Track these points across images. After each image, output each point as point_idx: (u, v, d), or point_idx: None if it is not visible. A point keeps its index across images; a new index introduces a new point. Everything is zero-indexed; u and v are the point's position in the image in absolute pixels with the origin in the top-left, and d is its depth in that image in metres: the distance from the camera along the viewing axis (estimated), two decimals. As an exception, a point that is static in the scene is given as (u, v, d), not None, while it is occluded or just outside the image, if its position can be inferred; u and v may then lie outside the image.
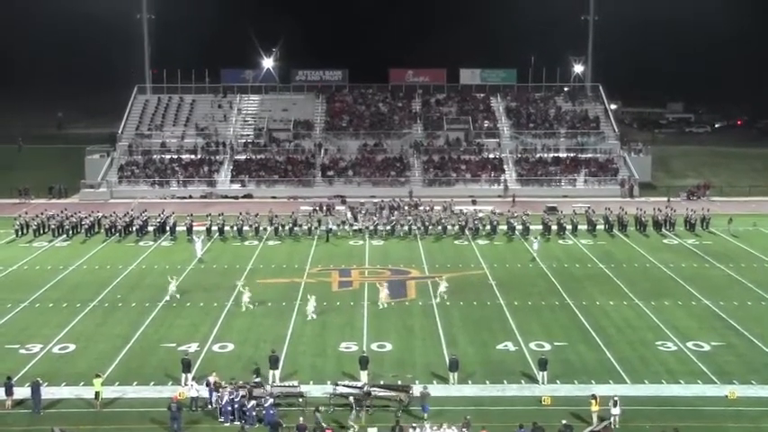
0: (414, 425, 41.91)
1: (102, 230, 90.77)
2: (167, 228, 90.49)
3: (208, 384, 46.20)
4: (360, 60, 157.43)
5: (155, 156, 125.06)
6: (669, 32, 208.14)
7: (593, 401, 43.95)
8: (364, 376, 48.39)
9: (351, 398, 45.35)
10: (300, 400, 45.83)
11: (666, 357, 53.67)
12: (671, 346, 55.44)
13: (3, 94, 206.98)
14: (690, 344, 55.79)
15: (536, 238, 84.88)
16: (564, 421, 42.29)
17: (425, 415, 44.48)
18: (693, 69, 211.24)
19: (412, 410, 45.30)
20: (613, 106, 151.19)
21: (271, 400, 44.13)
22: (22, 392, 46.45)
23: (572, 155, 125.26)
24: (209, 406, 45.60)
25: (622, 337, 57.59)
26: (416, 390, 46.32)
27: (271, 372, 49.12)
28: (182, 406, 43.95)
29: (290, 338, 57.20)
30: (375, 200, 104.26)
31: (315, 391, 47.47)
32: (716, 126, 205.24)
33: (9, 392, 46.01)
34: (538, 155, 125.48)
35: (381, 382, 47.88)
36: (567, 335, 58.00)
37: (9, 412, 45.64)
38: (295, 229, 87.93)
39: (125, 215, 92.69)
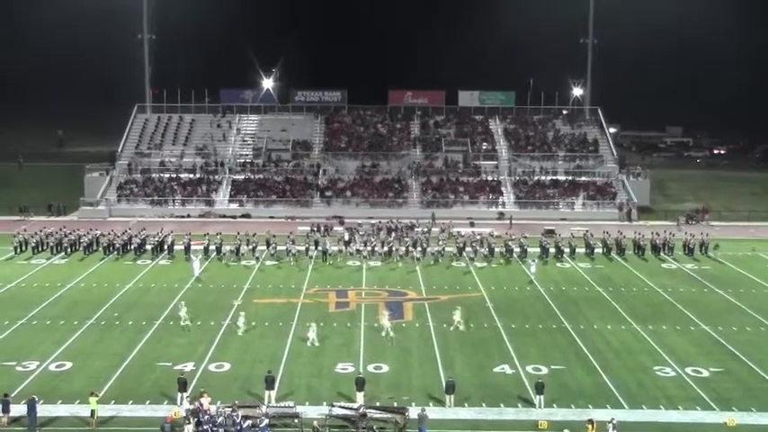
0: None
1: (101, 248, 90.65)
2: (165, 246, 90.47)
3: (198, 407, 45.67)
4: (359, 81, 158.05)
5: (154, 174, 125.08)
6: (668, 56, 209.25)
7: (590, 426, 43.81)
8: (360, 398, 48.27)
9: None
10: (296, 420, 45.73)
11: (665, 383, 53.49)
12: (669, 372, 55.30)
13: (3, 111, 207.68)
14: (688, 369, 55.65)
15: (534, 260, 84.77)
16: (566, 430, 42.37)
17: (422, 438, 44.45)
18: (693, 93, 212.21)
19: (408, 432, 45.23)
20: (612, 130, 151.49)
21: (266, 421, 44.01)
22: (19, 410, 46.32)
23: (570, 178, 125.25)
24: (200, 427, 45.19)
25: (620, 361, 57.43)
26: (413, 412, 46.20)
27: (267, 392, 48.97)
28: (175, 426, 43.80)
29: (286, 359, 57.04)
30: (373, 221, 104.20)
31: (311, 412, 47.27)
32: (715, 152, 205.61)
33: (5, 410, 45.91)
34: (536, 177, 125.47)
35: (377, 404, 47.81)
36: (565, 359, 57.87)
37: (5, 429, 45.51)
38: (292, 249, 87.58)
39: (123, 233, 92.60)
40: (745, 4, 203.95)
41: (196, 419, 44.45)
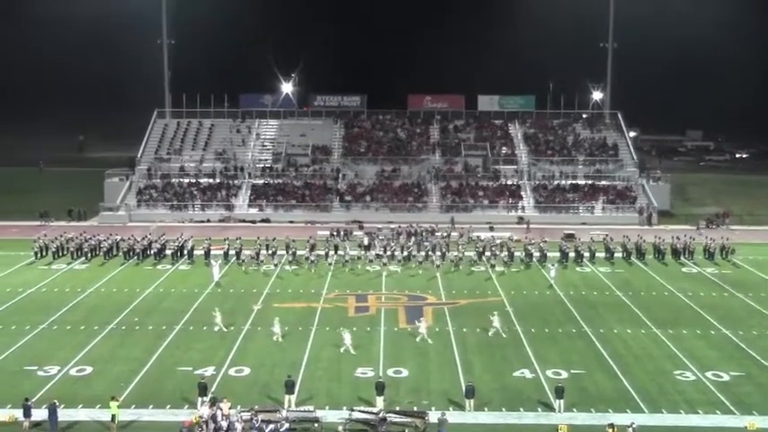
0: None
1: (121, 253, 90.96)
2: (185, 251, 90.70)
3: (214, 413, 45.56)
4: (378, 86, 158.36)
5: (173, 179, 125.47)
6: (689, 60, 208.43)
7: (611, 431, 43.67)
8: (380, 402, 48.25)
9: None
10: (316, 425, 45.74)
11: (685, 387, 53.28)
12: (689, 376, 55.06)
13: (25, 117, 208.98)
14: (709, 373, 55.39)
15: (553, 265, 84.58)
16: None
17: (442, 442, 44.44)
18: (713, 97, 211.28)
19: (428, 437, 45.20)
20: (632, 134, 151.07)
21: (286, 425, 44.06)
22: (40, 414, 46.43)
23: (590, 182, 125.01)
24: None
25: (640, 365, 57.24)
26: (432, 416, 46.17)
27: (286, 396, 48.99)
28: (192, 430, 43.85)
29: (306, 363, 57.09)
30: (392, 226, 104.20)
31: (330, 416, 47.29)
32: (737, 156, 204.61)
33: (27, 414, 46.03)
34: (556, 182, 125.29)
35: (397, 408, 47.81)
36: (585, 363, 57.71)
37: (26, 434, 45.74)
38: (311, 256, 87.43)
39: (143, 238, 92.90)
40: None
41: (210, 425, 44.47)
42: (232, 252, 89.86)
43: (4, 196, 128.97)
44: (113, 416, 45.97)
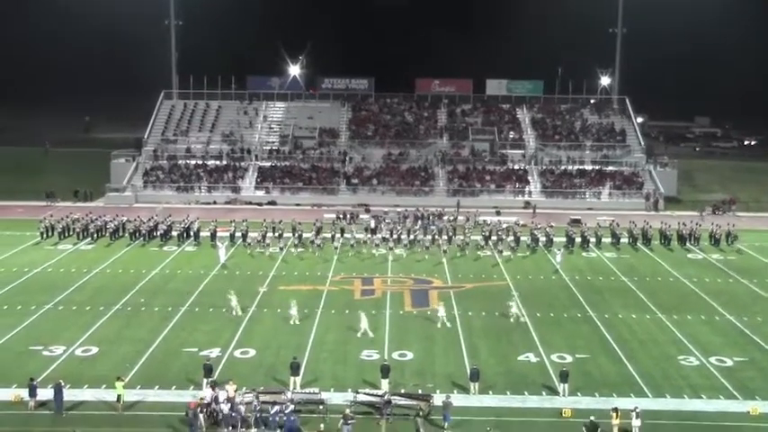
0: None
1: (127, 234, 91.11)
2: (191, 233, 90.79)
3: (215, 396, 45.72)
4: (386, 69, 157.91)
5: (180, 161, 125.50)
6: (697, 46, 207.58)
7: (614, 414, 43.77)
8: (385, 385, 48.36)
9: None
10: (321, 407, 45.88)
11: (689, 372, 53.39)
12: (693, 361, 55.17)
13: (31, 98, 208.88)
14: (712, 359, 55.50)
15: (559, 250, 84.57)
16: (592, 417, 42.47)
17: (446, 424, 44.50)
18: (721, 83, 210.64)
19: (433, 419, 45.23)
20: (640, 119, 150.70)
21: (291, 407, 44.15)
22: (46, 394, 46.64)
23: (597, 167, 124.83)
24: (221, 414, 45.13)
25: (644, 350, 57.35)
26: (438, 399, 46.29)
27: (292, 378, 49.17)
28: (198, 412, 43.99)
29: (311, 346, 57.26)
30: (399, 209, 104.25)
31: (335, 398, 47.45)
32: (745, 143, 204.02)
33: (32, 394, 46.24)
34: (563, 167, 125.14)
35: (402, 391, 47.92)
36: (589, 347, 57.82)
37: (32, 413, 45.86)
38: (316, 240, 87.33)
39: (149, 219, 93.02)
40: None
41: (209, 409, 44.63)
42: (238, 234, 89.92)
43: (10, 176, 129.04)
44: (119, 396, 46.22)
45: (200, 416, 43.88)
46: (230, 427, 44.16)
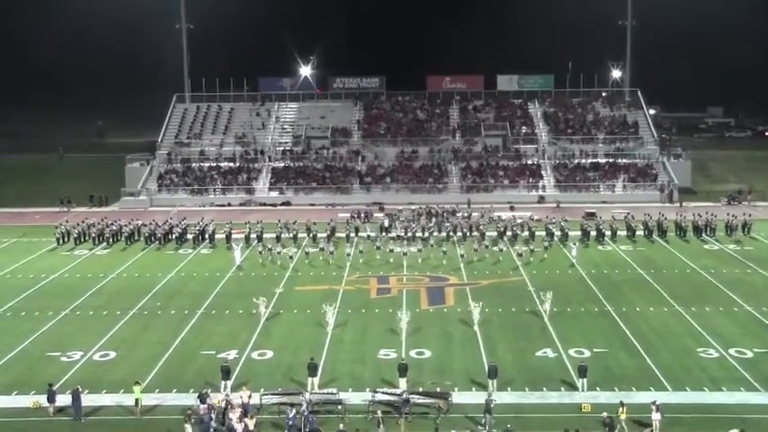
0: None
1: (142, 238, 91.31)
2: (206, 235, 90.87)
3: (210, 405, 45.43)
4: (397, 68, 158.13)
5: (194, 164, 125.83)
6: (708, 36, 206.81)
7: (621, 409, 43.59)
8: (403, 383, 48.24)
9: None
10: (339, 407, 45.81)
11: (708, 364, 53.11)
12: (713, 353, 54.87)
13: (44, 103, 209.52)
14: (732, 350, 55.18)
15: (575, 244, 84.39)
16: (605, 413, 42.38)
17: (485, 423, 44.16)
18: (733, 73, 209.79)
19: (451, 417, 45.12)
20: (652, 111, 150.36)
21: (304, 407, 44.01)
22: (64, 400, 46.72)
23: (611, 160, 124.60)
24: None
25: (663, 343, 57.08)
26: (456, 397, 46.22)
27: (309, 379, 49.13)
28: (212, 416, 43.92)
29: (328, 346, 57.20)
30: (413, 207, 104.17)
31: (353, 398, 47.39)
32: (759, 129, 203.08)
33: (51, 399, 46.31)
34: (576, 161, 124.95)
35: (420, 389, 47.81)
36: (607, 341, 57.60)
37: (51, 419, 45.89)
38: (328, 248, 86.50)
39: (164, 223, 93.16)
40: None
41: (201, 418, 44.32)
42: (253, 236, 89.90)
43: (25, 183, 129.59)
44: (137, 400, 46.23)
45: (187, 426, 43.39)
46: None
